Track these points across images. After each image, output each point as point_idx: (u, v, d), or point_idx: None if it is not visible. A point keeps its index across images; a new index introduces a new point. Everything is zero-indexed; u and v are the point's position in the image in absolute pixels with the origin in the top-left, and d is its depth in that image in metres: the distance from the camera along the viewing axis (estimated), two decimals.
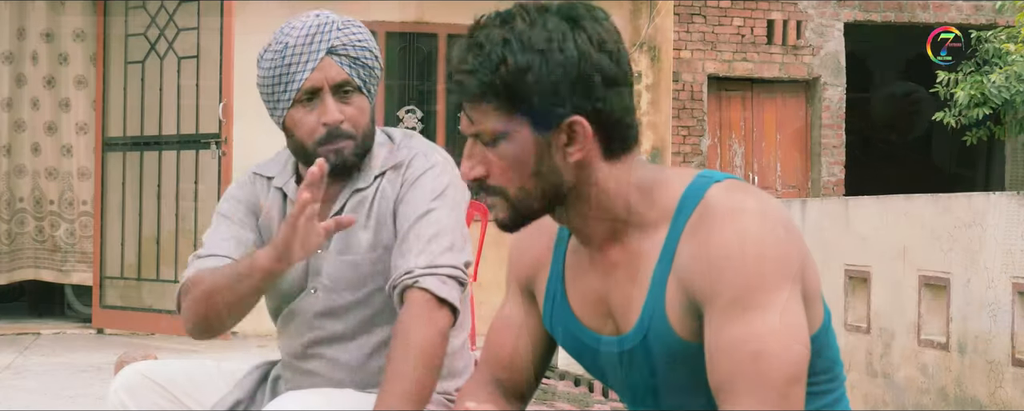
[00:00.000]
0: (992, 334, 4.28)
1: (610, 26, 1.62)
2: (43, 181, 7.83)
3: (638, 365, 1.65)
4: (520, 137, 1.59)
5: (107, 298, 7.60)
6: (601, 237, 1.67)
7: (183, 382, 2.30)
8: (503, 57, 1.56)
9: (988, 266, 4.30)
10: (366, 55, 2.22)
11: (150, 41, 7.42)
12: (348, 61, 2.21)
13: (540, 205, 1.64)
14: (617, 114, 1.60)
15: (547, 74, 1.56)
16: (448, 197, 2.19)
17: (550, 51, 1.56)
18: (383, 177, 2.25)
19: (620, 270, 1.66)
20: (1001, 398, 4.23)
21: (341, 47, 2.20)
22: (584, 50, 1.57)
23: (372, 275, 2.22)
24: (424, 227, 2.14)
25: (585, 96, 1.57)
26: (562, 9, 1.61)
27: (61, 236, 7.82)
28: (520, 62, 1.56)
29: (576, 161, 1.60)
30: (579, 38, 1.57)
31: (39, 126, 7.81)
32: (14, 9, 7.80)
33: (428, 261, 2.09)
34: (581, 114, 1.58)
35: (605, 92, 1.58)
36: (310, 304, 2.27)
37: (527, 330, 1.84)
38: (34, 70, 7.81)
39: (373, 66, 2.24)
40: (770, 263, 1.52)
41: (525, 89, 1.57)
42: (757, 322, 1.50)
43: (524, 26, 1.58)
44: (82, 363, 6.28)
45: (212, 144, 7.03)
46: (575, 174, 1.61)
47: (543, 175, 1.61)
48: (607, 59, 1.59)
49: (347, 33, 2.22)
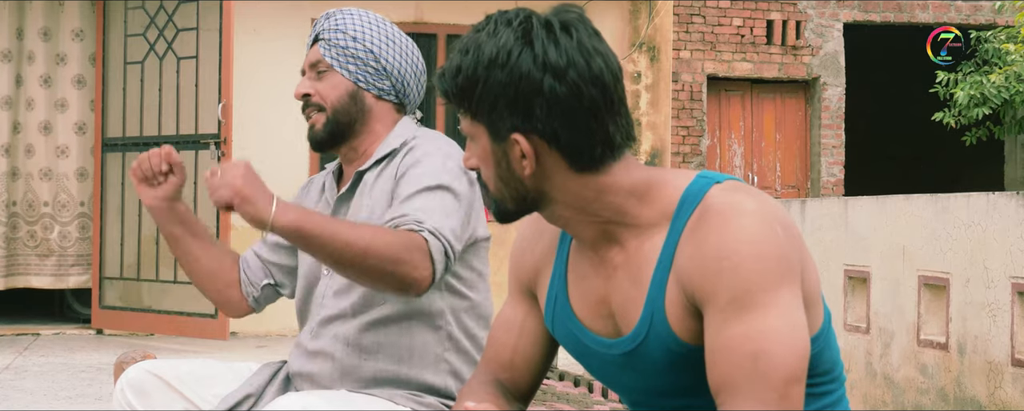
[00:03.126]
0: (992, 334, 4.28)
1: (573, 48, 1.57)
2: (36, 182, 7.79)
3: (638, 366, 1.65)
4: (482, 142, 1.63)
5: (106, 299, 7.60)
6: (594, 238, 1.67)
7: (189, 380, 2.31)
8: (459, 66, 1.60)
9: (988, 266, 4.30)
10: (339, 37, 2.36)
11: (149, 41, 7.42)
12: (325, 44, 2.38)
13: (514, 206, 1.66)
14: (566, 137, 1.58)
15: (488, 90, 1.58)
16: (451, 185, 2.21)
17: (493, 67, 1.58)
18: (385, 161, 2.34)
19: (620, 271, 1.66)
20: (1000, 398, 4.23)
21: (323, 31, 2.39)
22: (524, 70, 1.56)
23: None
24: (429, 198, 2.17)
25: (524, 117, 1.58)
26: (526, 24, 1.58)
27: (55, 239, 7.79)
28: (470, 74, 1.59)
29: (530, 174, 1.61)
30: (524, 57, 1.57)
31: (33, 126, 7.79)
32: (13, 9, 7.79)
33: (435, 224, 2.12)
34: (522, 133, 1.58)
35: (547, 114, 1.57)
36: (326, 285, 2.34)
37: (528, 331, 1.84)
38: (31, 69, 7.80)
39: (348, 46, 2.36)
40: (769, 263, 1.52)
41: (474, 101, 1.60)
42: (756, 322, 1.50)
43: (484, 37, 1.60)
44: (82, 363, 6.28)
45: (211, 144, 7.03)
46: (538, 183, 1.62)
47: (505, 180, 1.64)
48: (553, 80, 1.56)
49: (332, 20, 2.39)
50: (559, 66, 1.57)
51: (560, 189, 1.62)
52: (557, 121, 1.58)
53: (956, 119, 10.36)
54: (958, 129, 10.74)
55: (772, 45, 12.07)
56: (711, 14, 11.96)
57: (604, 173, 1.62)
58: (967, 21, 12.29)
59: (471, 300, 2.33)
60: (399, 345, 2.27)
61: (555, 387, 5.70)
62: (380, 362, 2.27)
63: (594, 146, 1.59)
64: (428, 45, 8.49)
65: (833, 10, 12.19)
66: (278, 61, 7.91)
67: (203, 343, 7.04)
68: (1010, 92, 9.88)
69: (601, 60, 1.59)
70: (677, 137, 11.63)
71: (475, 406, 1.61)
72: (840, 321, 5.27)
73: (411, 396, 2.26)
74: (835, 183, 12.13)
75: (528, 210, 1.67)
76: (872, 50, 13.53)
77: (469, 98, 1.60)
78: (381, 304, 2.27)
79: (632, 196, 1.63)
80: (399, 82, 2.38)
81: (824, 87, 12.14)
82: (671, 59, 9.25)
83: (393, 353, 2.26)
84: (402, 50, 2.39)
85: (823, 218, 5.52)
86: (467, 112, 1.62)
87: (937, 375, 4.63)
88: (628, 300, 1.64)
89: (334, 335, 2.29)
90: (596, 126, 1.59)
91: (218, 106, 7.00)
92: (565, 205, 1.64)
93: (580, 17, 1.61)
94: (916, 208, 4.78)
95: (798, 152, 12.34)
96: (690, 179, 1.62)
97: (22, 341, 7.19)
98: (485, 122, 1.61)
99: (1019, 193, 4.15)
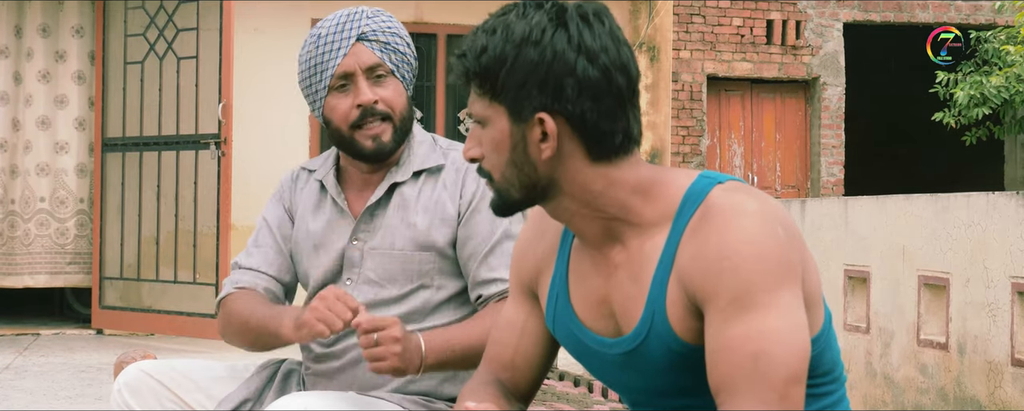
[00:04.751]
0: (991, 334, 4.28)
1: (604, 32, 1.60)
2: (33, 178, 7.78)
3: (639, 367, 1.65)
4: (499, 125, 1.62)
5: (106, 299, 7.60)
6: (597, 236, 1.67)
7: (186, 381, 2.30)
8: (484, 46, 1.60)
9: (988, 266, 4.30)
10: (396, 40, 2.28)
11: (149, 41, 7.42)
12: (379, 46, 2.27)
13: (520, 195, 1.65)
14: (593, 119, 1.59)
15: (518, 68, 1.58)
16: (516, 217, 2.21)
17: (525, 45, 1.58)
18: (425, 175, 2.29)
19: (621, 270, 1.66)
20: (1000, 398, 4.23)
21: (371, 32, 2.26)
22: (558, 49, 1.58)
23: (418, 273, 2.25)
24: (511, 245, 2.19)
25: (554, 96, 1.58)
26: (559, 8, 1.60)
27: (51, 235, 7.78)
28: (498, 52, 1.59)
29: (547, 158, 1.61)
30: (558, 37, 1.58)
31: (32, 123, 7.78)
32: (12, 8, 7.79)
33: None
34: (549, 113, 1.59)
35: (577, 96, 1.58)
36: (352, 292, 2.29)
37: (529, 331, 1.84)
38: (29, 65, 7.80)
39: (405, 52, 2.29)
40: (770, 264, 1.52)
41: (500, 80, 1.59)
42: (757, 322, 1.50)
43: (513, 18, 1.60)
44: (82, 363, 6.28)
45: (211, 144, 7.03)
46: (552, 170, 1.62)
47: (519, 166, 1.63)
48: (586, 63, 1.58)
49: (377, 20, 2.28)
50: (593, 49, 1.58)
51: (571, 179, 1.62)
52: (586, 103, 1.59)
53: (956, 119, 10.36)
54: (958, 129, 10.74)
55: (772, 45, 12.07)
56: (711, 14, 11.96)
57: (615, 166, 1.62)
58: (967, 21, 12.29)
59: None
60: None
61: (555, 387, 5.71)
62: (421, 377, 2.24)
63: (615, 134, 1.61)
64: (428, 45, 8.48)
65: (833, 10, 12.18)
66: (279, 61, 7.90)
67: (203, 343, 7.04)
68: (1010, 92, 9.88)
69: (628, 50, 1.62)
70: (677, 137, 11.64)
71: (476, 406, 1.61)
72: (840, 321, 5.27)
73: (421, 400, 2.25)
74: (835, 183, 12.13)
75: (534, 201, 1.66)
76: (872, 50, 13.53)
77: (493, 77, 1.60)
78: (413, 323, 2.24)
79: (636, 193, 1.63)
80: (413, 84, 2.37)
81: (824, 87, 12.14)
82: (671, 59, 9.25)
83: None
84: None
85: (823, 218, 5.52)
86: (486, 93, 1.61)
87: (937, 375, 4.63)
88: (629, 299, 1.64)
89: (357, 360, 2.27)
90: (620, 114, 1.60)
91: (218, 106, 7.00)
92: (572, 197, 1.64)
93: (607, 10, 1.64)
94: (916, 208, 4.78)
95: (798, 152, 12.34)
96: (692, 179, 1.63)
97: (22, 341, 7.19)
98: (508, 102, 1.60)
99: (1019, 193, 4.15)
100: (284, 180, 2.45)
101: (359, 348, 2.22)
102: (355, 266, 2.28)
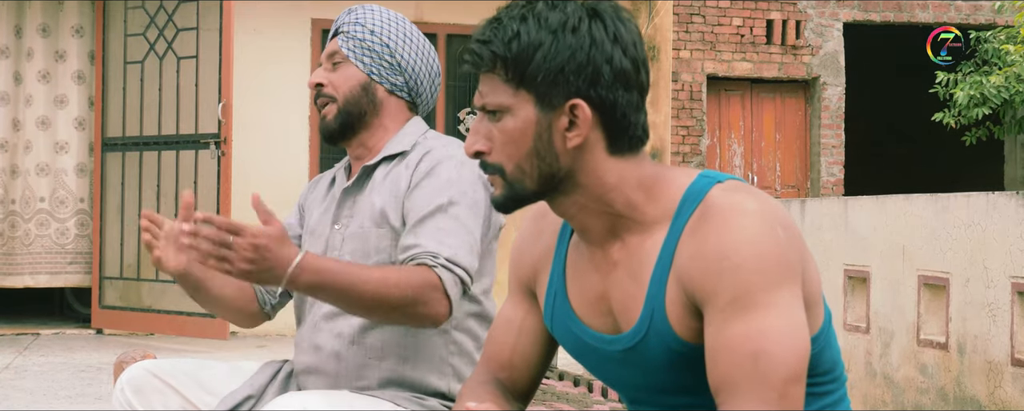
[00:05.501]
0: (991, 334, 4.28)
1: (633, 28, 1.64)
2: (33, 178, 7.78)
3: (638, 364, 1.65)
4: (523, 113, 1.62)
5: (106, 298, 7.60)
6: (600, 232, 1.67)
7: (189, 380, 2.31)
8: (517, 32, 1.60)
9: (987, 266, 4.30)
10: (358, 30, 2.38)
11: (149, 41, 7.42)
12: (343, 37, 2.40)
13: (535, 187, 1.64)
14: (622, 109, 1.61)
15: (556, 54, 1.59)
16: (467, 194, 2.24)
17: (563, 32, 1.59)
18: (397, 159, 2.35)
19: (620, 268, 1.66)
20: (1000, 398, 4.23)
21: (343, 25, 2.40)
22: (597, 38, 1.60)
23: (376, 250, 2.29)
24: (443, 220, 2.20)
25: (591, 82, 1.59)
26: (590, 1, 1.63)
27: (51, 235, 7.78)
28: (532, 38, 1.59)
29: (574, 146, 1.61)
30: (595, 26, 1.60)
31: (32, 123, 7.79)
32: (11, 8, 7.79)
33: (449, 254, 2.15)
34: (584, 99, 1.59)
35: (612, 83, 1.60)
36: None
37: (528, 330, 1.84)
38: (29, 65, 7.80)
39: (363, 38, 2.37)
40: (769, 264, 1.52)
41: (533, 65, 1.59)
42: (756, 322, 1.51)
43: (544, 7, 1.61)
44: (81, 363, 6.28)
45: (211, 144, 7.03)
46: (573, 160, 1.62)
47: (541, 156, 1.62)
48: (621, 53, 1.60)
49: (353, 16, 2.41)
50: (627, 41, 1.62)
51: (590, 170, 1.63)
52: (619, 91, 1.60)
53: (956, 119, 10.36)
54: (958, 129, 10.74)
55: (772, 45, 12.07)
56: (711, 14, 11.96)
57: (627, 161, 1.64)
58: (967, 21, 12.29)
59: (481, 305, 2.33)
60: (403, 345, 2.27)
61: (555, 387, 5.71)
62: (384, 361, 2.27)
63: (637, 125, 1.63)
64: None
65: (833, 10, 12.19)
66: (278, 61, 7.91)
67: (203, 343, 7.04)
68: (1010, 92, 9.88)
69: (644, 50, 1.64)
70: (677, 137, 11.64)
71: (475, 406, 1.61)
72: (840, 321, 5.27)
73: (413, 398, 2.26)
74: (835, 183, 12.13)
75: (545, 195, 1.66)
76: (872, 50, 13.53)
77: (523, 64, 1.60)
78: None
79: (641, 189, 1.64)
80: (412, 79, 2.39)
81: (824, 87, 12.14)
82: (671, 59, 9.25)
83: (397, 353, 2.26)
84: (419, 49, 2.41)
85: (823, 218, 5.52)
86: (512, 79, 1.61)
87: (937, 375, 4.63)
88: (628, 297, 1.65)
89: (337, 332, 2.29)
90: (642, 107, 1.64)
91: (218, 106, 7.00)
92: (585, 190, 1.64)
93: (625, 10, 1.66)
94: (916, 208, 4.78)
95: (798, 152, 12.34)
96: (692, 178, 1.63)
97: (22, 341, 7.19)
98: (537, 90, 1.60)
99: (1019, 193, 4.15)
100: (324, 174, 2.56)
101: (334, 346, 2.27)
102: (336, 250, 2.34)
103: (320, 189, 2.50)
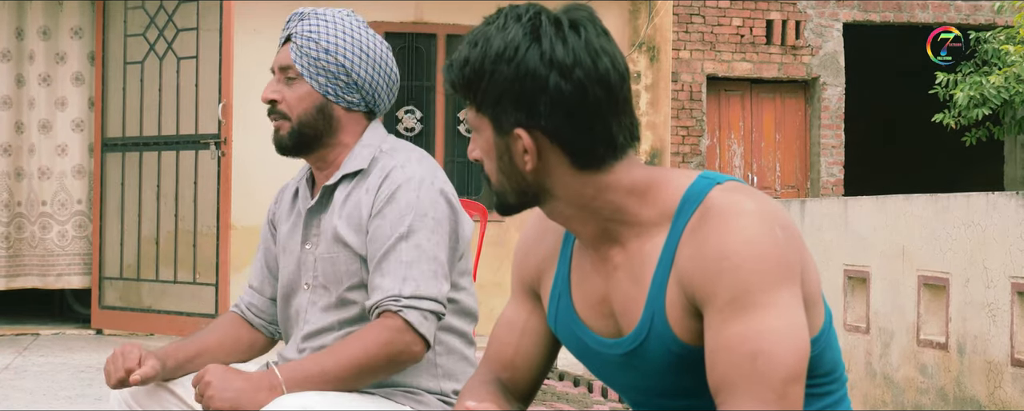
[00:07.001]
0: (991, 334, 4.28)
1: (582, 46, 1.58)
2: (36, 182, 7.79)
3: (639, 367, 1.65)
4: (486, 134, 1.64)
5: (106, 299, 7.60)
6: (594, 237, 1.67)
7: (186, 381, 2.31)
8: (466, 59, 1.61)
9: (987, 266, 4.30)
10: (311, 47, 2.30)
11: (149, 41, 7.41)
12: (296, 48, 2.31)
13: (515, 200, 1.67)
14: (568, 133, 1.59)
15: (494, 84, 1.59)
16: (428, 217, 2.23)
17: (500, 61, 1.58)
18: (354, 178, 2.32)
19: (621, 271, 1.66)
20: (1000, 398, 4.23)
21: (296, 35, 2.32)
22: (531, 67, 1.57)
23: (347, 274, 2.28)
24: (405, 251, 2.20)
25: (527, 113, 1.58)
26: (536, 20, 1.59)
27: (53, 238, 7.78)
28: (477, 67, 1.60)
29: (532, 169, 1.61)
30: (531, 53, 1.57)
31: (34, 125, 7.79)
32: (12, 9, 7.79)
33: (413, 290, 2.16)
34: (525, 128, 1.59)
35: (550, 112, 1.57)
36: (308, 300, 2.33)
37: (530, 331, 1.84)
38: (31, 68, 7.80)
39: (318, 56, 2.30)
40: (769, 264, 1.52)
41: (479, 93, 1.60)
42: (756, 322, 1.50)
43: (494, 30, 1.60)
44: (81, 363, 6.28)
45: (211, 144, 7.03)
46: (539, 178, 1.63)
47: (508, 174, 1.64)
48: (558, 78, 1.57)
49: (306, 24, 2.32)
50: (565, 64, 1.57)
51: (561, 186, 1.63)
52: (560, 119, 1.58)
53: (956, 120, 10.36)
54: (958, 130, 10.74)
55: (772, 45, 12.07)
56: (711, 14, 11.96)
57: (606, 172, 1.62)
58: (967, 21, 12.29)
59: (459, 303, 2.33)
60: None
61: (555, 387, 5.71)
62: None
63: (596, 145, 1.60)
64: (428, 45, 8.49)
65: (833, 10, 12.19)
66: None
67: None
68: (1010, 92, 9.88)
69: (608, 60, 1.60)
70: (677, 137, 11.64)
71: (476, 406, 1.61)
72: (840, 321, 5.27)
73: (409, 394, 2.26)
74: (835, 183, 12.13)
75: (529, 204, 1.68)
76: (872, 50, 13.53)
77: (475, 90, 1.61)
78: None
79: (632, 195, 1.63)
80: (370, 94, 2.35)
81: (824, 87, 12.14)
82: (671, 59, 9.25)
83: None
84: (374, 62, 2.34)
85: (823, 218, 5.52)
86: (473, 104, 1.63)
87: (937, 375, 4.63)
88: (629, 300, 1.65)
89: (322, 348, 2.29)
90: (599, 126, 1.59)
91: (218, 106, 7.00)
92: (565, 201, 1.64)
93: (590, 16, 1.62)
94: (916, 208, 4.78)
95: (798, 152, 12.34)
96: (692, 179, 1.63)
97: (22, 341, 7.19)
98: (490, 115, 1.61)
99: (1019, 193, 4.15)
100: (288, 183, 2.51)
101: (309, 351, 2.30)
102: (309, 270, 2.33)
103: (285, 202, 2.46)
